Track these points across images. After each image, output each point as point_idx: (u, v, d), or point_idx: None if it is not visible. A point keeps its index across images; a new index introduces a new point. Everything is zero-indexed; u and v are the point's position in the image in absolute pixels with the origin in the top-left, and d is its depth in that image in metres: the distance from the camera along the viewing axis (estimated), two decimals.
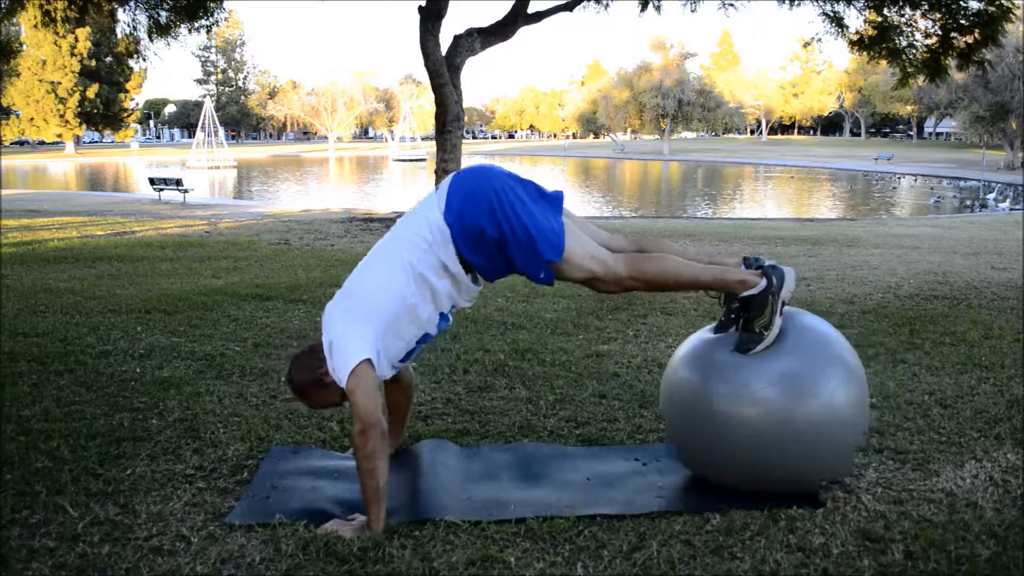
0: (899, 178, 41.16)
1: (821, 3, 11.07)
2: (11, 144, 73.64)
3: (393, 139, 71.80)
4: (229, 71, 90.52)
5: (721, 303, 2.63)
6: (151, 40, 11.08)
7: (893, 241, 11.09)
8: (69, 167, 52.03)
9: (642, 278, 2.49)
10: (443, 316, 2.58)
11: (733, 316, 2.56)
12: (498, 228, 2.41)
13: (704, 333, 2.72)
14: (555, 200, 2.54)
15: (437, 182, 13.22)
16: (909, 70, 10.46)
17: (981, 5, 9.44)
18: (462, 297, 2.58)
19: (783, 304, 2.52)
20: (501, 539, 2.30)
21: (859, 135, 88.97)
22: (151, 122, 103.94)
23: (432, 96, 13.00)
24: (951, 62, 10.13)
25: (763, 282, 2.50)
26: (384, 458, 2.34)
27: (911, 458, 2.88)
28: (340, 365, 2.38)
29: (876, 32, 10.59)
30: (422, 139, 69.28)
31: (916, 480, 2.70)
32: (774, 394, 2.44)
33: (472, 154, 60.75)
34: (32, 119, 61.35)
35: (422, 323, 2.52)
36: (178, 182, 23.07)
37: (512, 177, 2.51)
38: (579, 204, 27.08)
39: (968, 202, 26.38)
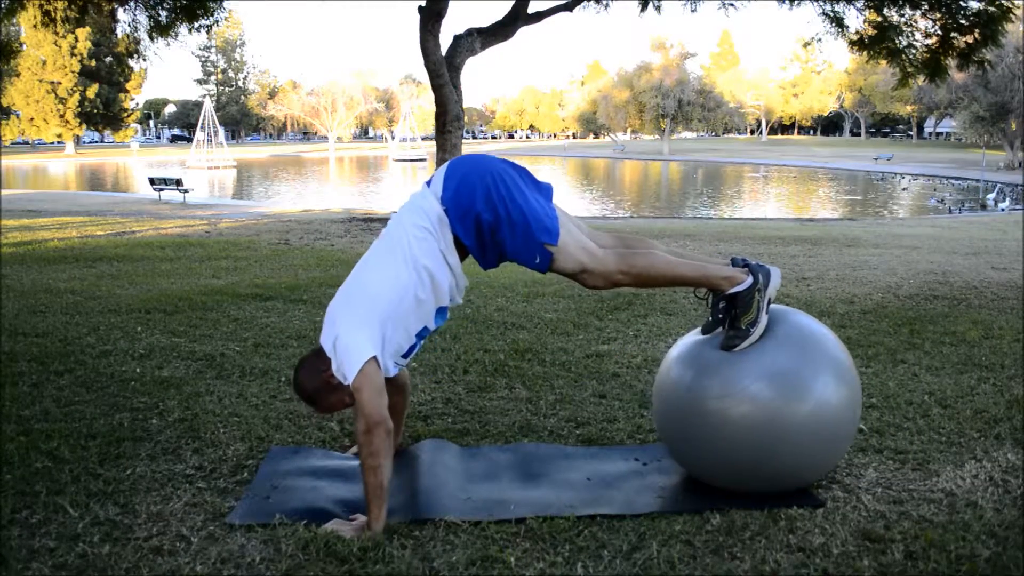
0: (901, 178, 41.13)
1: (821, 3, 11.07)
2: (12, 144, 73.65)
3: (393, 139, 71.84)
4: (229, 71, 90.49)
5: (707, 304, 2.64)
6: (151, 40, 11.09)
7: (893, 241, 11.09)
8: (69, 167, 52.04)
9: (631, 272, 2.50)
10: (441, 310, 2.59)
11: (721, 315, 2.58)
12: (493, 211, 2.43)
13: (694, 334, 2.73)
14: (546, 190, 2.57)
15: None
16: (909, 70, 10.46)
17: (981, 5, 9.44)
18: (458, 291, 2.60)
19: (769, 302, 2.54)
20: (501, 539, 2.30)
21: (859, 135, 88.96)
22: (151, 122, 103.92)
23: (432, 96, 13.00)
24: (951, 62, 10.14)
25: (749, 279, 2.52)
26: (389, 456, 2.35)
27: (911, 458, 2.88)
28: (346, 363, 2.38)
29: (876, 32, 10.60)
30: (422, 139, 69.29)
31: (916, 480, 2.70)
32: (765, 392, 2.44)
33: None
34: (32, 119, 61.32)
35: (424, 316, 2.52)
36: (178, 182, 23.09)
37: (507, 163, 2.54)
38: (580, 204, 27.08)
39: (967, 204, 26.34)
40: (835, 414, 2.49)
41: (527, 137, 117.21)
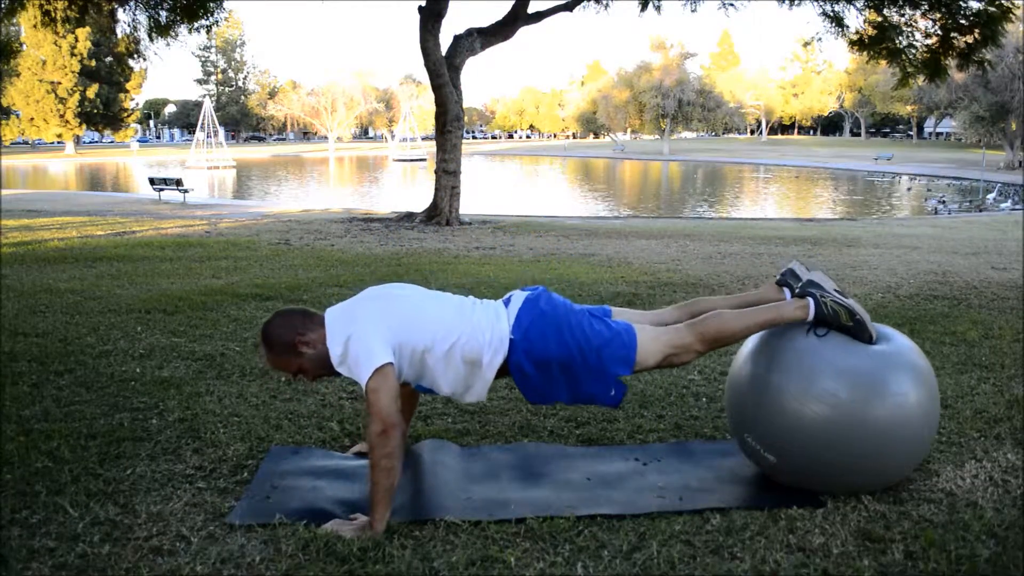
0: (901, 178, 41.09)
1: (821, 3, 11.08)
2: (12, 144, 73.66)
3: (393, 139, 71.86)
4: (229, 71, 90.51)
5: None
6: (151, 40, 11.11)
7: (893, 241, 11.09)
8: (69, 167, 52.04)
9: (708, 338, 2.61)
10: (427, 389, 2.62)
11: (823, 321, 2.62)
12: (566, 349, 2.53)
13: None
14: (607, 313, 2.69)
15: (437, 182, 13.27)
16: (909, 70, 10.48)
17: (981, 5, 9.46)
18: (464, 392, 2.62)
19: (840, 293, 2.62)
20: (501, 539, 2.30)
21: (859, 135, 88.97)
22: (151, 122, 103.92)
23: (432, 96, 13.01)
24: (951, 62, 10.15)
25: (811, 302, 2.60)
26: (401, 458, 2.36)
27: None
28: (363, 360, 2.38)
29: (876, 32, 10.61)
30: (422, 139, 69.33)
31: (916, 480, 2.70)
32: (845, 394, 2.45)
33: (472, 154, 60.71)
34: (32, 119, 61.34)
35: (418, 373, 2.57)
36: (178, 182, 23.08)
37: (573, 304, 2.67)
38: (580, 204, 27.08)
39: (963, 204, 26.32)
40: (915, 415, 2.50)
41: (527, 137, 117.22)
